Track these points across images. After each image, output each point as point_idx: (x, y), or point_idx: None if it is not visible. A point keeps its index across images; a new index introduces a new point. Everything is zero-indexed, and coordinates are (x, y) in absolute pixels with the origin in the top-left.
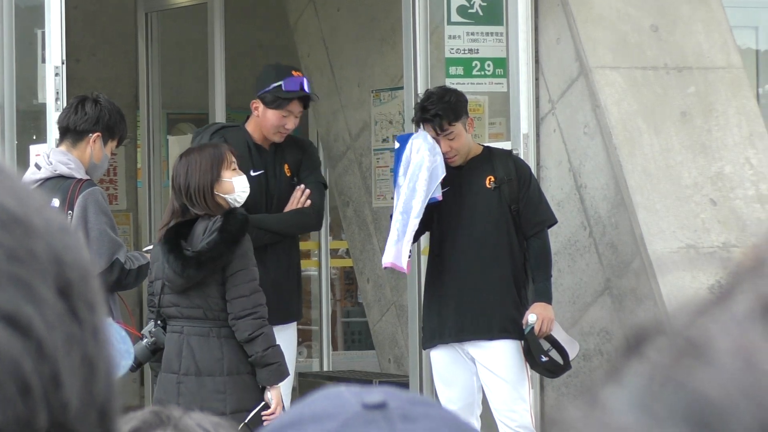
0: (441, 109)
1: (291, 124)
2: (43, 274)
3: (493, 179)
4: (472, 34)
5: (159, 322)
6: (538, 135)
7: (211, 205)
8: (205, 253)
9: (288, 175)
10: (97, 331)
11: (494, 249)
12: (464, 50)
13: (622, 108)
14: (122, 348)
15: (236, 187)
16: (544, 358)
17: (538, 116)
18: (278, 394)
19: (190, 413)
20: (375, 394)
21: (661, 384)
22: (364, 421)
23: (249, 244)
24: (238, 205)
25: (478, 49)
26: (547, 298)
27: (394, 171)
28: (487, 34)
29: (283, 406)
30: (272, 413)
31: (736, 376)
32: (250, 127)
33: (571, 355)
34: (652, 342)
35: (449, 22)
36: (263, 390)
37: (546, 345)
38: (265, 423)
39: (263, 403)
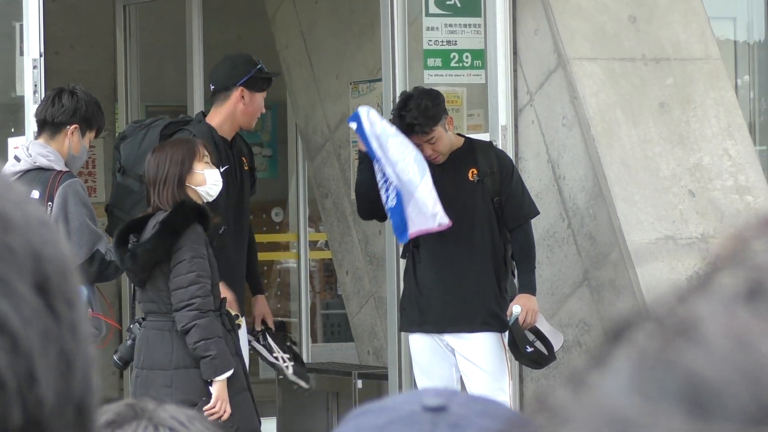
0: (418, 118)
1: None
2: (20, 270)
3: (476, 172)
4: (450, 25)
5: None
6: (516, 127)
7: (178, 197)
8: (139, 247)
9: (246, 169)
10: (75, 327)
11: (476, 241)
12: (442, 42)
13: (600, 99)
14: None
15: (208, 180)
16: (529, 349)
17: (516, 108)
18: (219, 387)
19: (164, 406)
20: (441, 398)
21: (653, 365)
22: (411, 420)
23: (195, 235)
24: (210, 198)
25: (456, 41)
26: (531, 289)
27: (367, 149)
28: (465, 25)
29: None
30: (212, 407)
31: (730, 355)
32: (216, 120)
33: (556, 346)
34: (638, 327)
35: (427, 14)
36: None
37: (531, 336)
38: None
39: (204, 399)
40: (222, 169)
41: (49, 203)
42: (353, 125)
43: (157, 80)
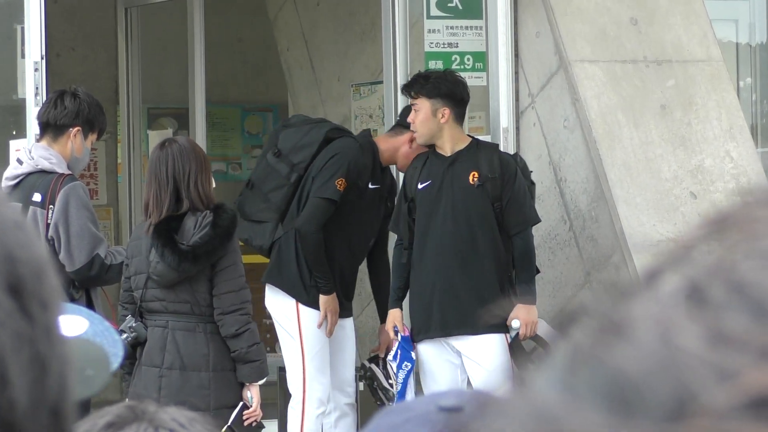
0: (414, 79)
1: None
2: None
3: (477, 176)
4: (452, 28)
5: (139, 317)
6: (517, 129)
7: (202, 194)
8: (200, 248)
9: (385, 197)
10: (50, 329)
11: (476, 245)
12: (444, 44)
13: (602, 101)
14: (111, 351)
15: (213, 184)
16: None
17: (517, 110)
18: (258, 391)
19: (164, 408)
20: (457, 399)
21: (582, 362)
22: (425, 420)
23: (237, 239)
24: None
25: (457, 43)
26: (531, 299)
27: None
28: (466, 28)
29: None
30: (254, 411)
31: (653, 352)
32: (382, 144)
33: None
34: (578, 323)
35: (429, 16)
36: (242, 386)
37: (531, 344)
38: (246, 422)
39: (242, 404)
40: (372, 186)
41: (51, 206)
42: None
43: (159, 82)
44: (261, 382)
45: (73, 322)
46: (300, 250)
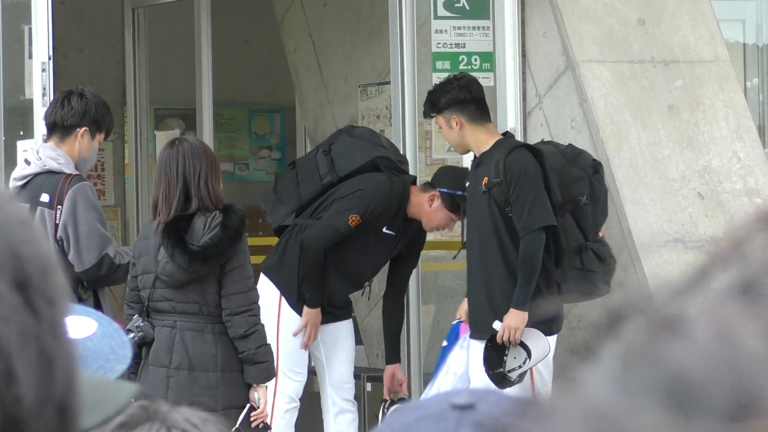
0: (425, 103)
1: (450, 228)
2: (0, 271)
3: (486, 181)
4: (459, 28)
5: (146, 317)
6: (525, 129)
7: (212, 194)
8: (210, 248)
9: (400, 251)
10: (56, 325)
11: (486, 251)
12: (451, 44)
13: (609, 102)
14: (120, 353)
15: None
16: (490, 371)
17: (525, 110)
18: (265, 392)
19: (177, 408)
20: (469, 397)
21: (637, 360)
22: (438, 418)
23: (246, 240)
24: None
25: (464, 44)
26: (518, 304)
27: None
28: (473, 28)
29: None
30: (262, 412)
31: (713, 351)
32: (413, 197)
33: (533, 362)
34: (627, 321)
35: (436, 17)
36: (249, 387)
37: (523, 353)
38: (253, 424)
39: (249, 405)
40: (386, 231)
41: (59, 207)
42: (445, 342)
43: (166, 83)
44: (268, 383)
45: (82, 324)
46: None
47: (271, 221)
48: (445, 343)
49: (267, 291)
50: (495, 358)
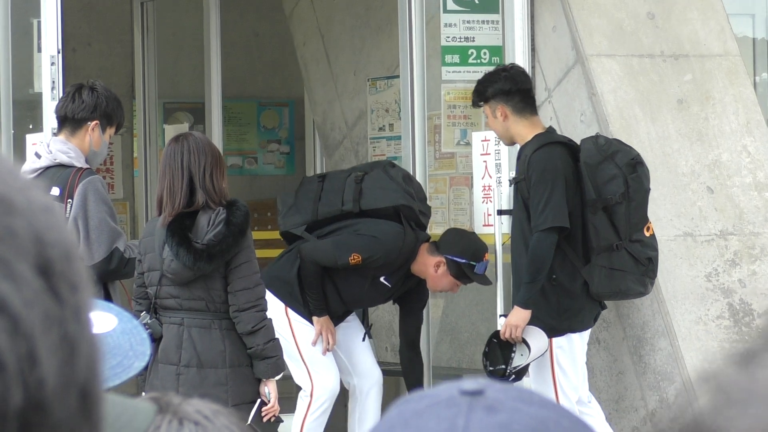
0: (473, 93)
1: (454, 291)
2: (23, 253)
3: (514, 175)
4: (468, 22)
5: (154, 314)
6: None
7: (216, 189)
8: (215, 246)
9: (392, 302)
10: (79, 311)
11: (516, 245)
12: (460, 38)
13: (619, 96)
14: (139, 350)
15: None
16: (491, 367)
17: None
18: (275, 387)
19: (189, 400)
20: (478, 383)
21: None
22: (448, 404)
23: (251, 236)
24: None
25: (474, 38)
26: (521, 302)
27: None
28: (483, 22)
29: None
30: (272, 407)
31: None
32: (420, 256)
33: (531, 358)
34: None
35: (445, 10)
36: (259, 382)
37: (527, 351)
38: (265, 418)
39: (260, 400)
40: (383, 280)
41: (69, 200)
42: None
43: (175, 77)
44: (278, 377)
45: (102, 319)
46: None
47: (282, 224)
48: None
49: (272, 304)
50: (498, 354)
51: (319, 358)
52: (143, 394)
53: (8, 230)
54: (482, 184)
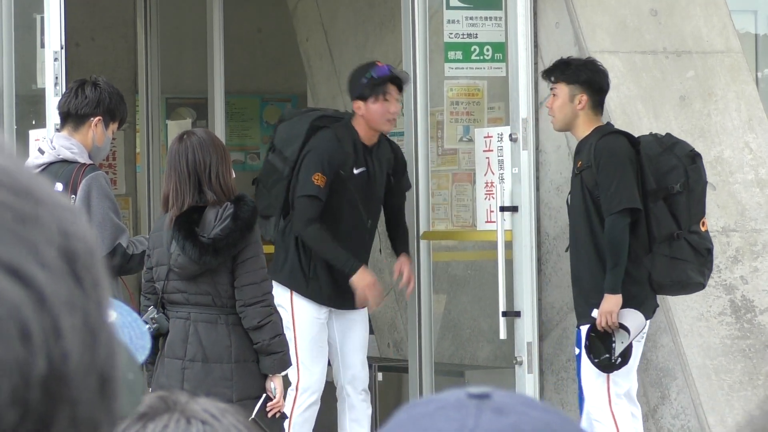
0: (555, 64)
1: (394, 107)
2: (49, 240)
3: (580, 164)
4: (471, 18)
5: (161, 309)
6: (537, 119)
7: (224, 186)
8: (221, 240)
9: (386, 170)
10: (100, 305)
11: (576, 235)
12: (463, 35)
13: (621, 92)
14: (139, 343)
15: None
16: (595, 359)
17: (537, 101)
18: (281, 382)
19: (196, 399)
20: (484, 388)
21: None
22: (457, 406)
23: (258, 231)
24: None
25: (477, 34)
26: (610, 288)
27: None
28: (485, 18)
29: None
30: (278, 402)
31: None
32: (357, 125)
33: (631, 338)
34: None
35: (448, 7)
36: (265, 378)
37: (626, 335)
38: (270, 414)
39: (265, 395)
40: (357, 171)
41: (72, 196)
42: None
43: (178, 72)
44: (284, 373)
45: None
46: (300, 242)
47: (269, 238)
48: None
49: (278, 293)
50: (600, 345)
51: (311, 352)
52: (149, 389)
53: (36, 217)
54: (485, 181)
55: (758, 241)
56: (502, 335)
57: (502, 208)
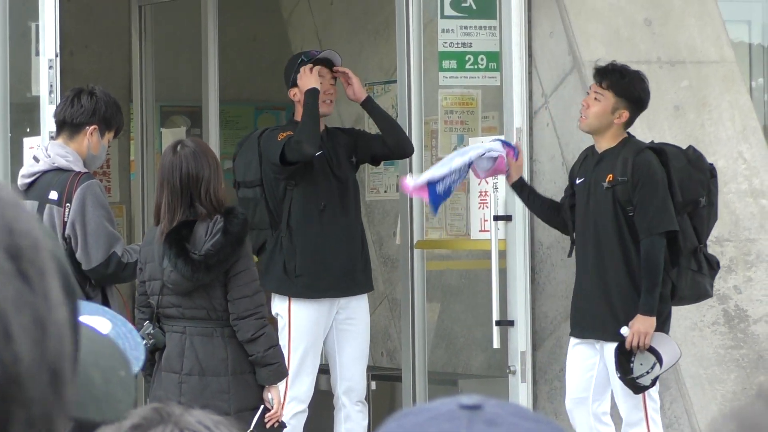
0: (611, 69)
1: (326, 85)
2: None
3: (611, 178)
4: (466, 27)
5: (156, 322)
6: (531, 129)
7: (214, 200)
8: (212, 257)
9: (346, 155)
10: (48, 295)
11: (605, 251)
12: (457, 44)
13: None
14: (133, 354)
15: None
16: (625, 376)
17: (531, 110)
18: (278, 393)
19: (190, 411)
20: (476, 398)
21: None
22: (449, 417)
23: (249, 244)
24: None
25: (471, 43)
26: (646, 309)
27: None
28: (480, 27)
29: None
30: (276, 413)
31: None
32: (299, 115)
33: (666, 367)
34: None
35: (443, 16)
36: (262, 388)
37: (651, 359)
38: (268, 424)
39: (262, 407)
40: (317, 154)
41: (68, 204)
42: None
43: (172, 80)
44: (280, 383)
45: (97, 323)
46: (284, 245)
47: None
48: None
49: (276, 302)
50: (626, 363)
51: (301, 364)
52: (147, 402)
53: None
54: (479, 190)
55: (752, 251)
56: (496, 344)
57: (496, 217)
